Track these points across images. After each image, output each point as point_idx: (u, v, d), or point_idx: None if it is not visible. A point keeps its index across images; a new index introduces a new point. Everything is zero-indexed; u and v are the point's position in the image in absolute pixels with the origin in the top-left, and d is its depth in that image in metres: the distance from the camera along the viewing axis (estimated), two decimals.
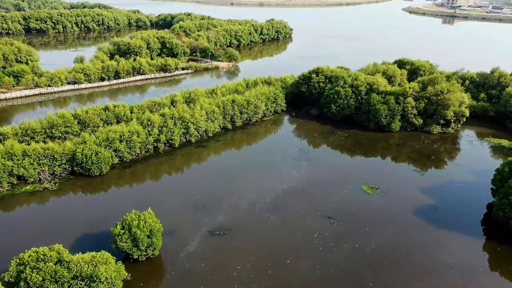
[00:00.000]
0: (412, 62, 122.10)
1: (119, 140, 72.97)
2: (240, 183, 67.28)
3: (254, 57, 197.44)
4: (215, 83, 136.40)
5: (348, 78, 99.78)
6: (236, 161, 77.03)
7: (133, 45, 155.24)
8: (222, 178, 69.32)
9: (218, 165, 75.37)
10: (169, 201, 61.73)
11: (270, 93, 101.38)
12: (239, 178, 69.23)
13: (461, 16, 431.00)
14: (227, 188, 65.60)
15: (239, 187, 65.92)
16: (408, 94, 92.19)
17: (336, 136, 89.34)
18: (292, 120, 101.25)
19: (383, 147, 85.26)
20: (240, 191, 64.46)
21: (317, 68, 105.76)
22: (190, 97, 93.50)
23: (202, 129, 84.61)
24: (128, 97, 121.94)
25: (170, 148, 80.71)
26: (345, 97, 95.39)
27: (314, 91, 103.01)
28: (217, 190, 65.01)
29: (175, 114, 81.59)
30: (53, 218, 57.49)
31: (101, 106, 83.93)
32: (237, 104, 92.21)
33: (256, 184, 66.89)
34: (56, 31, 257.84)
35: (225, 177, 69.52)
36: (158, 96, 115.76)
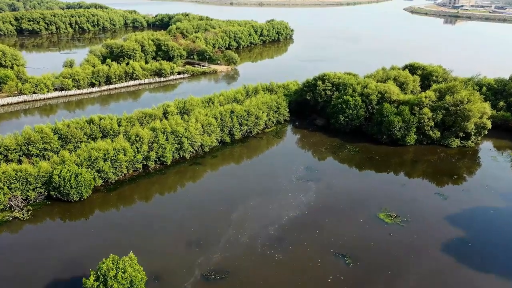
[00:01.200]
0: (424, 67, 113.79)
1: (103, 159, 64.61)
2: (240, 210, 58.94)
3: (254, 59, 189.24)
4: (213, 88, 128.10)
5: (357, 86, 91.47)
6: (235, 181, 68.67)
7: (126, 48, 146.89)
8: (219, 203, 60.96)
9: (214, 186, 67.03)
10: (158, 234, 53.40)
11: (272, 102, 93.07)
12: (239, 203, 60.88)
13: (464, 16, 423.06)
14: (225, 216, 57.28)
15: (239, 215, 57.60)
16: (424, 104, 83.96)
17: (345, 151, 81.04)
18: (296, 131, 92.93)
19: (397, 164, 77.00)
20: (240, 220, 56.14)
21: (323, 74, 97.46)
22: (184, 107, 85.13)
23: (198, 144, 76.31)
24: (120, 103, 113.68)
25: (162, 166, 72.36)
26: (355, 107, 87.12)
27: (320, 100, 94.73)
28: (213, 219, 56.70)
29: (167, 128, 73.24)
30: (19, 259, 48.88)
31: (85, 119, 75.52)
32: (236, 115, 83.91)
33: (257, 211, 58.57)
34: (49, 32, 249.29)
35: (222, 202, 61.16)
36: (152, 103, 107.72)
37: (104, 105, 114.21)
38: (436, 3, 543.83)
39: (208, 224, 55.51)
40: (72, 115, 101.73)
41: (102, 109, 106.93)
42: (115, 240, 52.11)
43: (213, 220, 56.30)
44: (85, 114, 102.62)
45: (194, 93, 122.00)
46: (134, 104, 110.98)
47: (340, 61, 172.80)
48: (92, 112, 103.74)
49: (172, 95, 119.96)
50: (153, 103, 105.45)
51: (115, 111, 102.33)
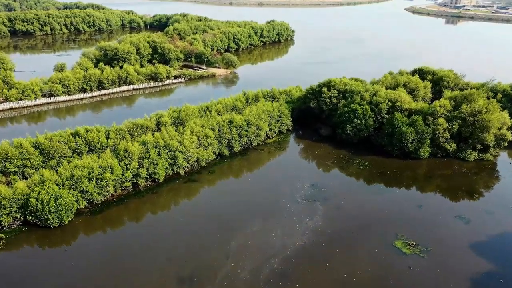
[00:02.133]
0: (434, 72, 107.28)
1: (88, 178, 58.17)
2: (239, 237, 52.53)
3: (253, 61, 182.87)
4: (211, 93, 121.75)
5: (365, 94, 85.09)
6: (234, 201, 62.20)
7: (121, 50, 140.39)
8: (216, 229, 54.54)
9: (211, 207, 60.59)
10: (145, 267, 46.95)
11: (274, 110, 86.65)
12: (238, 229, 54.50)
13: (467, 17, 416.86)
14: (222, 245, 50.90)
15: (238, 244, 51.20)
16: (438, 114, 77.59)
17: (353, 165, 74.62)
18: (300, 142, 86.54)
19: (411, 180, 70.60)
20: (239, 251, 49.74)
21: (328, 80, 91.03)
22: (179, 117, 78.68)
23: (193, 159, 69.86)
24: (113, 110, 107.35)
25: (153, 184, 65.91)
26: (363, 116, 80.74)
27: (325, 108, 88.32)
28: (209, 249, 50.31)
29: (159, 141, 66.79)
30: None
31: (70, 131, 69.01)
32: (236, 126, 77.49)
33: (259, 239, 52.18)
34: (43, 33, 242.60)
35: (219, 228, 54.75)
36: (147, 109, 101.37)
37: (96, 111, 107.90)
38: (437, 3, 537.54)
39: (203, 255, 49.08)
40: (61, 123, 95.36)
41: (92, 117, 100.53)
42: (96, 274, 45.68)
43: (208, 250, 49.89)
44: (75, 122, 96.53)
45: (191, 99, 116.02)
46: (127, 111, 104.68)
47: (343, 64, 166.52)
48: (82, 120, 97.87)
49: (167, 101, 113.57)
50: (148, 110, 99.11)
51: (107, 118, 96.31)
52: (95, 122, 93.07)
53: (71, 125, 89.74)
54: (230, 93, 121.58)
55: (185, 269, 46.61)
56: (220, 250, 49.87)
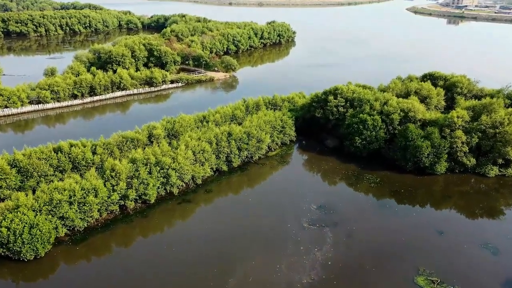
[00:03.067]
0: (446, 77, 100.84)
1: (69, 202, 51.79)
2: (238, 273, 46.11)
3: (254, 64, 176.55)
4: (209, 99, 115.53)
5: (375, 103, 78.70)
6: (232, 226, 55.78)
7: (115, 53, 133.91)
8: (212, 262, 48.11)
9: (207, 233, 54.17)
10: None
11: (276, 120, 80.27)
12: (237, 261, 48.12)
13: (470, 17, 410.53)
14: (219, 284, 44.46)
15: (237, 282, 44.77)
16: (456, 125, 71.21)
17: (364, 182, 68.20)
18: (305, 155, 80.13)
19: (428, 200, 64.18)
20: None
21: (335, 88, 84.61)
22: (173, 129, 72.27)
23: (188, 176, 63.44)
24: (105, 118, 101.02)
25: (144, 206, 59.46)
26: (373, 127, 74.35)
27: (332, 117, 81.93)
28: (205, 287, 43.95)
29: (150, 158, 60.38)
30: None
31: (52, 146, 62.56)
32: (235, 139, 71.09)
33: (261, 275, 45.76)
34: (38, 34, 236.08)
35: (216, 261, 48.32)
36: (141, 117, 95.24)
37: (87, 119, 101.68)
38: (438, 3, 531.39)
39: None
40: (47, 134, 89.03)
41: (82, 126, 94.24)
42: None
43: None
44: (63, 131, 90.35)
45: (187, 105, 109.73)
46: (120, 119, 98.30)
47: (346, 67, 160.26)
48: (71, 130, 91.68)
49: (162, 108, 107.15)
50: (141, 118, 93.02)
51: (97, 128, 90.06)
52: (84, 132, 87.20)
53: (59, 136, 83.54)
54: (229, 98, 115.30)
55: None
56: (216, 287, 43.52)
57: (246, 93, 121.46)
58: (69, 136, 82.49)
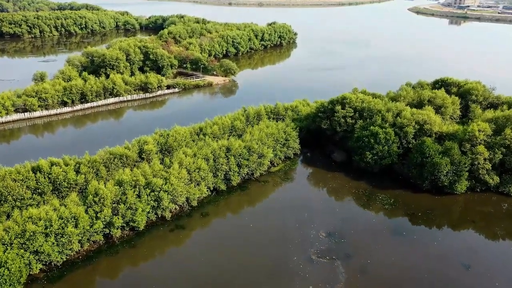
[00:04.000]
0: (459, 83, 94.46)
1: (44, 234, 45.40)
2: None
3: (254, 67, 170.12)
4: (207, 106, 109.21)
5: (387, 114, 72.27)
6: (231, 259, 49.33)
7: (109, 57, 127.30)
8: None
9: (201, 266, 47.77)
10: None
11: (279, 133, 73.85)
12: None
13: (473, 18, 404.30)
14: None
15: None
16: (477, 140, 64.80)
17: (377, 203, 61.79)
18: (310, 170, 73.67)
19: (448, 223, 57.79)
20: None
21: (342, 97, 78.13)
22: (166, 144, 65.80)
23: (182, 199, 57.04)
24: (95, 128, 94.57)
25: (132, 234, 53.05)
26: (386, 141, 67.94)
27: (339, 129, 75.50)
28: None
29: (139, 179, 53.98)
30: None
31: (30, 166, 56.11)
32: (234, 154, 64.70)
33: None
34: (32, 35, 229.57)
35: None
36: (133, 128, 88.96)
37: (76, 128, 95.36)
38: (440, 3, 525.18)
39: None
40: (32, 146, 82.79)
41: (69, 138, 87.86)
42: None
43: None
44: (49, 143, 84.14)
45: (184, 113, 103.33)
46: (111, 129, 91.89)
47: (351, 70, 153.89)
48: (57, 141, 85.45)
49: (157, 116, 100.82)
50: (134, 128, 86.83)
51: (85, 140, 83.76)
52: (71, 144, 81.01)
53: (44, 149, 77.87)
54: (228, 105, 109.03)
55: None
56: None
57: (246, 99, 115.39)
58: (55, 149, 76.56)
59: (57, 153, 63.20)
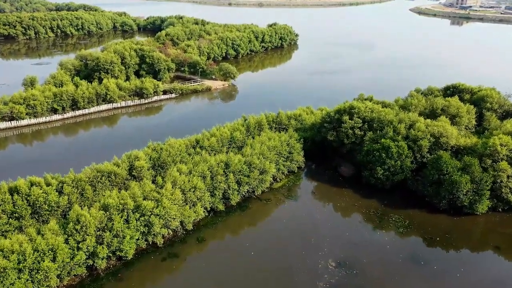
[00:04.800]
0: (472, 90, 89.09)
1: (17, 269, 39.89)
2: None
3: (254, 70, 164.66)
4: (205, 113, 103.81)
5: (399, 126, 66.74)
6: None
7: (103, 60, 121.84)
8: None
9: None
10: None
11: (282, 145, 68.34)
12: None
13: (476, 18, 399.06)
14: None
15: None
16: (499, 155, 59.31)
17: (390, 225, 56.28)
18: (316, 186, 68.11)
19: (470, 249, 52.31)
20: None
21: (350, 106, 72.56)
22: (160, 159, 60.30)
23: (176, 223, 51.52)
24: (87, 136, 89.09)
25: (119, 264, 47.52)
26: (398, 156, 62.43)
27: (347, 141, 69.95)
28: None
29: (128, 202, 48.46)
30: None
31: (6, 186, 50.55)
32: (234, 171, 59.21)
33: None
34: (27, 37, 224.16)
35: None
36: (126, 137, 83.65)
37: (70, 135, 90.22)
38: (442, 4, 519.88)
39: None
40: (17, 157, 77.25)
41: (56, 150, 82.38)
42: None
43: None
44: (35, 155, 78.59)
45: (180, 120, 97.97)
46: (102, 139, 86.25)
47: (355, 73, 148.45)
48: (44, 153, 79.93)
49: (152, 124, 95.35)
50: (127, 138, 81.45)
51: (74, 151, 78.29)
52: (58, 156, 75.58)
53: (28, 162, 72.42)
54: (227, 112, 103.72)
55: None
56: None
57: (247, 105, 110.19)
58: (39, 163, 71.40)
59: (41, 168, 57.91)
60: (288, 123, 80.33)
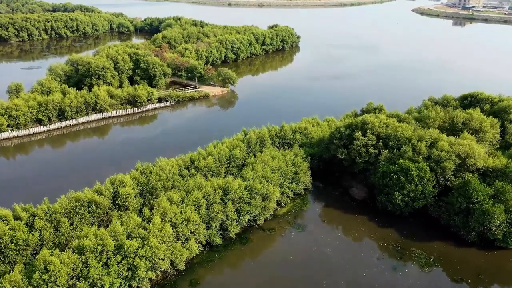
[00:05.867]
0: (492, 100, 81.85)
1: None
2: None
3: (255, 73, 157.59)
4: (202, 124, 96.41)
5: (419, 144, 59.32)
6: None
7: (94, 65, 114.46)
8: None
9: None
10: None
11: (287, 165, 60.96)
12: None
13: (480, 19, 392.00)
14: None
15: None
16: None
17: (414, 263, 48.83)
18: (324, 211, 60.68)
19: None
20: None
21: (362, 121, 65.11)
22: (149, 184, 52.92)
23: (165, 265, 44.12)
24: (73, 150, 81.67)
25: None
26: (419, 179, 55.06)
27: (360, 160, 62.51)
28: None
29: (108, 243, 41.04)
30: None
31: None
32: (233, 198, 51.84)
33: None
34: (20, 39, 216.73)
35: None
36: (114, 153, 76.30)
37: (57, 147, 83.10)
38: (444, 4, 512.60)
39: None
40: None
41: (37, 167, 74.95)
42: None
43: None
44: (12, 177, 70.91)
45: (175, 132, 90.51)
46: (88, 154, 78.50)
47: (361, 79, 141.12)
48: (22, 173, 72.15)
49: (144, 138, 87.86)
50: (116, 153, 74.16)
51: (55, 170, 70.68)
52: (33, 182, 67.60)
53: (2, 187, 64.65)
54: (226, 123, 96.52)
55: None
56: None
57: (247, 114, 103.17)
58: (13, 187, 63.78)
59: (14, 193, 50.81)
60: (292, 138, 73.00)
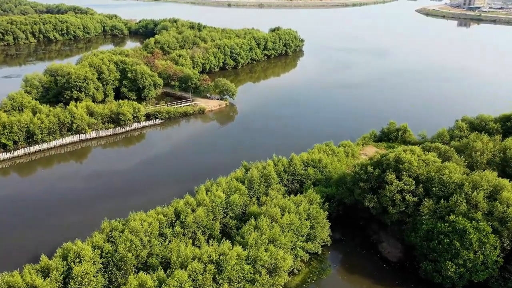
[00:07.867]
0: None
1: None
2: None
3: (256, 80, 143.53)
4: (195, 150, 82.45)
5: (475, 195, 45.21)
6: None
7: (74, 76, 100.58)
8: None
9: None
10: None
11: (301, 220, 46.89)
12: None
13: (488, 20, 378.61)
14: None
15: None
16: None
17: None
18: (349, 281, 46.59)
19: None
20: None
21: (396, 158, 50.91)
22: (116, 256, 38.77)
23: None
24: (36, 186, 67.50)
25: None
26: (480, 244, 41.06)
27: (393, 211, 48.45)
28: None
29: None
30: None
31: None
32: (230, 277, 37.79)
33: None
34: (5, 43, 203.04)
35: None
36: (83, 193, 62.21)
37: (25, 175, 68.80)
38: (448, 4, 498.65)
39: None
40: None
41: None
42: None
43: None
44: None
45: (161, 159, 75.92)
46: (53, 196, 64.14)
47: (374, 89, 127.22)
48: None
49: (124, 169, 73.54)
50: (84, 194, 60.15)
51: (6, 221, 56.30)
52: None
53: None
54: (223, 145, 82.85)
55: None
56: None
57: (247, 134, 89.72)
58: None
59: None
60: (304, 173, 59.02)
